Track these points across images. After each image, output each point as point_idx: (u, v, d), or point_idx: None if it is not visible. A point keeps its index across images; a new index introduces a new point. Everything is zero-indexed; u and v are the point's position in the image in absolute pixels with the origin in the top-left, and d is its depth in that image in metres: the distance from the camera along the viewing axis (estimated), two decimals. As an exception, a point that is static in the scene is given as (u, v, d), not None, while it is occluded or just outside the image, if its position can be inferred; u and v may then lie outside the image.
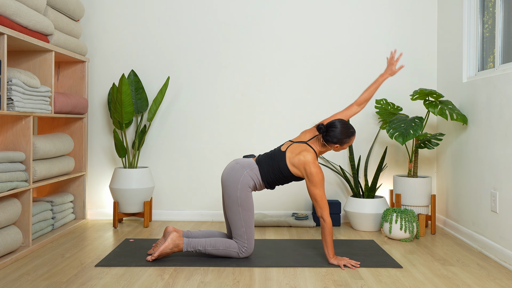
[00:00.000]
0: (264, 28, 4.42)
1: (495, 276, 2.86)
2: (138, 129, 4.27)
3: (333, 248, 3.05)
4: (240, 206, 3.07)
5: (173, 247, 3.07)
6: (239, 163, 3.15)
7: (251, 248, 3.11)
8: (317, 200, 3.02)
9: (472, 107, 3.60)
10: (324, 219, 3.01)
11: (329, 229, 3.01)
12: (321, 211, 3.02)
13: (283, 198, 4.44)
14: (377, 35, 4.41)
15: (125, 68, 4.45)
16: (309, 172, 3.03)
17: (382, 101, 4.24)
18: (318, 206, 3.03)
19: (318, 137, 3.17)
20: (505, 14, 3.33)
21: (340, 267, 2.98)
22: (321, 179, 3.02)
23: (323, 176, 3.03)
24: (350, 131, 3.11)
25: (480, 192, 3.46)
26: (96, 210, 4.44)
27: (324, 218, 3.01)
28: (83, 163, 4.25)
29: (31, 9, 3.33)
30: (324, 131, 3.11)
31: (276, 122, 4.42)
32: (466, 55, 3.81)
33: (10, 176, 3.06)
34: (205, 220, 4.42)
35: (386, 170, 4.42)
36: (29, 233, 3.31)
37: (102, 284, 2.66)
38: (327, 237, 3.02)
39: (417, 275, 2.86)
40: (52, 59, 3.66)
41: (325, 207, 3.01)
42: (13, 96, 3.10)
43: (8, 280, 2.72)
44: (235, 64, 4.43)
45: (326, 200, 3.03)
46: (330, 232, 3.02)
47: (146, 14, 4.44)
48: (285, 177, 3.13)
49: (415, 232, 3.67)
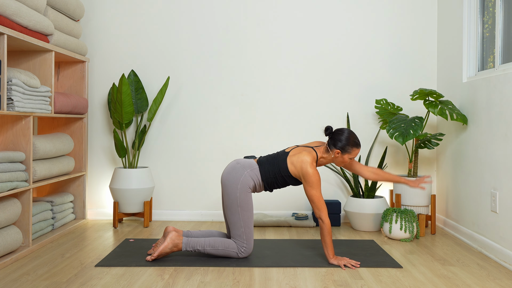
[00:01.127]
0: (264, 28, 4.42)
1: (495, 276, 2.86)
2: (138, 129, 4.27)
3: (333, 249, 3.05)
4: (240, 206, 3.07)
5: (172, 247, 3.07)
6: (240, 163, 3.15)
7: (250, 248, 3.11)
8: (314, 201, 3.02)
9: (472, 107, 3.60)
10: (322, 220, 3.00)
11: (328, 230, 3.01)
12: (319, 212, 3.02)
13: (283, 198, 4.44)
14: (377, 35, 4.41)
15: (125, 68, 4.45)
16: (305, 172, 3.02)
17: (382, 101, 4.24)
18: (316, 207, 3.02)
19: (324, 146, 3.16)
20: (505, 14, 3.33)
21: (341, 267, 2.98)
22: (317, 180, 3.01)
23: (319, 177, 3.02)
24: (356, 141, 3.09)
25: (480, 192, 3.46)
26: (96, 210, 4.44)
27: (322, 219, 3.00)
28: (83, 163, 4.25)
29: (31, 9, 3.33)
30: (331, 133, 3.10)
31: (276, 122, 4.42)
32: (466, 55, 3.81)
33: (10, 176, 3.06)
34: (205, 220, 4.42)
35: (386, 170, 4.42)
36: (29, 233, 3.31)
37: (102, 284, 2.66)
38: (326, 238, 3.02)
39: (417, 275, 2.86)
40: (52, 59, 3.66)
41: (323, 208, 3.01)
42: (13, 96, 3.10)
43: (8, 280, 2.72)
44: (235, 64, 4.43)
45: (323, 201, 3.03)
46: (329, 233, 3.02)
47: (146, 14, 4.44)
48: (283, 178, 3.12)
49: (415, 232, 3.67)
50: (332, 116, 4.41)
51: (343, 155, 3.09)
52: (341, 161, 3.13)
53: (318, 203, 3.01)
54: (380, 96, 4.42)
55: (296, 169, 3.07)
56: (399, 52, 4.41)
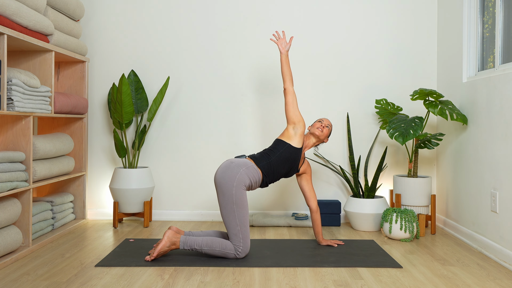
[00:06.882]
0: (264, 28, 4.42)
1: (495, 276, 2.86)
2: (138, 129, 4.27)
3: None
4: (235, 204, 3.07)
5: (170, 245, 3.07)
6: (234, 162, 3.17)
7: (247, 248, 3.11)
8: (294, 121, 3.39)
9: (472, 107, 3.60)
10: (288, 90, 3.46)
11: (292, 95, 3.46)
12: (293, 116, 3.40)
13: (283, 198, 4.44)
14: (378, 35, 4.41)
15: (125, 68, 4.45)
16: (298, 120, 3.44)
17: (382, 101, 4.24)
18: (292, 120, 3.40)
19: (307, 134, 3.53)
20: (505, 14, 3.33)
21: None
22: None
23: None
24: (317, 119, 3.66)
25: (480, 192, 3.46)
26: (96, 210, 4.44)
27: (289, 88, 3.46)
28: (83, 163, 4.25)
29: (31, 9, 3.33)
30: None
31: (276, 122, 4.42)
32: (466, 55, 3.81)
33: (10, 176, 3.06)
34: (205, 220, 4.42)
35: (386, 170, 4.42)
36: (29, 233, 3.31)
37: (102, 284, 2.66)
38: (285, 68, 3.48)
39: (417, 275, 2.86)
40: (52, 59, 3.66)
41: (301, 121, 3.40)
42: (13, 96, 3.10)
43: (8, 280, 2.72)
44: (235, 64, 4.43)
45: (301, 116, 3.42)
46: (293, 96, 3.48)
47: (146, 14, 4.45)
48: (285, 160, 3.31)
49: (415, 232, 3.67)
50: (332, 116, 4.41)
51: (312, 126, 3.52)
52: (314, 133, 3.47)
53: (296, 118, 3.42)
54: (380, 96, 4.42)
55: (294, 127, 3.37)
56: (399, 52, 4.41)
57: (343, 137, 4.42)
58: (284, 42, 3.52)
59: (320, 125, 3.48)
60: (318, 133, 3.45)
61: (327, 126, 3.49)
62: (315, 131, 3.46)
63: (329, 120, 3.57)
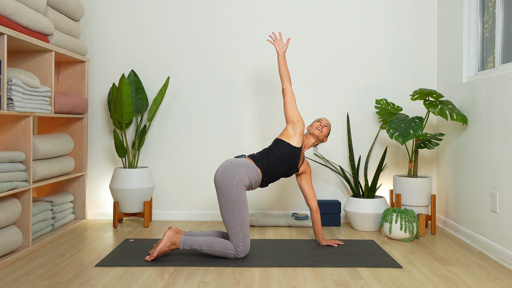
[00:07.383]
0: (264, 28, 4.42)
1: (495, 276, 2.86)
2: (138, 129, 4.27)
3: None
4: (235, 203, 3.07)
5: (170, 245, 3.07)
6: (234, 162, 3.17)
7: (247, 248, 3.11)
8: (293, 120, 3.40)
9: (472, 107, 3.60)
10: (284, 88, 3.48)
11: (290, 93, 3.47)
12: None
13: (283, 198, 4.44)
14: (378, 35, 4.41)
15: (125, 68, 4.45)
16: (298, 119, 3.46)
17: (382, 101, 4.24)
18: (290, 117, 3.40)
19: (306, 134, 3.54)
20: (505, 14, 3.33)
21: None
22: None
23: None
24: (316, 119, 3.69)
25: (480, 192, 3.46)
26: (96, 210, 4.44)
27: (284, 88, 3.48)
28: (83, 163, 4.25)
29: (31, 9, 3.33)
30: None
31: (276, 122, 4.42)
32: (466, 55, 3.81)
33: (10, 176, 3.06)
34: (205, 220, 4.42)
35: (386, 170, 4.42)
36: (29, 233, 3.31)
37: (102, 284, 2.66)
38: (282, 68, 3.47)
39: (417, 275, 2.86)
40: (52, 59, 3.66)
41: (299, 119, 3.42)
42: (13, 96, 3.10)
43: (8, 280, 2.72)
44: (235, 64, 4.43)
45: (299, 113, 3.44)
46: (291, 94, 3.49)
47: (146, 14, 4.44)
48: (285, 159, 3.30)
49: (415, 232, 3.67)
50: (332, 116, 4.41)
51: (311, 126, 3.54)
52: (313, 133, 3.48)
53: (295, 117, 3.45)
54: (380, 96, 4.42)
55: (294, 127, 3.39)
56: (399, 52, 4.41)
57: (343, 137, 4.42)
58: (281, 43, 3.53)
59: (319, 125, 3.48)
60: (317, 133, 3.45)
61: (326, 126, 3.49)
62: (314, 131, 3.46)
63: (327, 120, 3.57)
